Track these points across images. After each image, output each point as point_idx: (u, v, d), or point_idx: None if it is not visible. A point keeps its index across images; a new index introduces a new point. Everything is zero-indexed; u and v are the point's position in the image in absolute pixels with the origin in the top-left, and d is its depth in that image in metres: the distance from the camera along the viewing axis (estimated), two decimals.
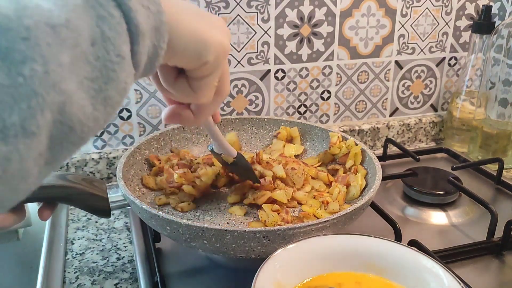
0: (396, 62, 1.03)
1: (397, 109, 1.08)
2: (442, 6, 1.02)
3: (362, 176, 0.72)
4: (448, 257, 0.67)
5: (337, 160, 0.79)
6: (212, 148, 0.67)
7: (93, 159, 0.87)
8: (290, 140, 0.84)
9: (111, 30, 0.30)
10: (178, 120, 0.49)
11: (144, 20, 0.32)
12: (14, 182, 0.26)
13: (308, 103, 1.00)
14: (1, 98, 0.24)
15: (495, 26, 0.94)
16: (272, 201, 0.69)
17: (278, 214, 0.66)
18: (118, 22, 0.31)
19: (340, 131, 0.89)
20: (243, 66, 0.92)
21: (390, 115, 1.08)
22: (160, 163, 0.75)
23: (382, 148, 0.98)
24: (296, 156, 0.83)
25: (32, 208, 0.70)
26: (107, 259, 0.70)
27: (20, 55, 0.25)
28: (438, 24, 1.03)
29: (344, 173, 0.75)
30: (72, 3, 0.28)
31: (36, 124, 0.26)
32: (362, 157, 0.76)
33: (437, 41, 1.04)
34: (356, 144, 0.77)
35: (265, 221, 0.65)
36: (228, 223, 0.67)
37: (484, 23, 0.96)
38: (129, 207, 0.81)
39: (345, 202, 0.70)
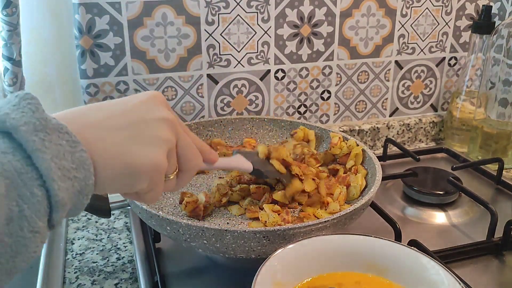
0: (396, 62, 1.03)
1: (397, 109, 1.08)
2: (442, 6, 1.02)
3: (362, 176, 0.72)
4: (448, 257, 0.67)
5: (338, 160, 0.79)
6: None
7: None
8: (306, 142, 0.84)
9: (30, 209, 0.31)
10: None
11: (66, 194, 0.33)
12: None
13: (308, 103, 1.00)
14: None
15: (495, 26, 0.94)
16: (272, 201, 0.69)
17: (279, 214, 0.66)
18: (38, 201, 0.32)
19: (340, 131, 0.90)
20: (243, 66, 0.92)
21: (390, 115, 1.08)
22: None
23: (382, 148, 0.98)
24: None
25: None
26: (107, 259, 0.70)
27: None
28: (438, 24, 1.03)
29: (344, 173, 0.75)
30: None
31: None
32: (362, 157, 0.76)
33: (437, 41, 1.04)
34: (357, 145, 0.77)
35: (265, 221, 0.65)
36: (228, 223, 0.67)
37: (484, 23, 0.96)
38: (129, 207, 0.81)
39: (345, 203, 0.70)
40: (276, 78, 0.95)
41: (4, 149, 0.31)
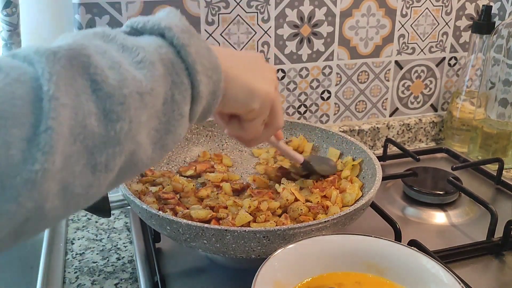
0: (396, 62, 1.03)
1: (397, 109, 1.08)
2: (442, 6, 1.02)
3: (359, 186, 0.71)
4: (448, 257, 0.67)
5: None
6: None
7: None
8: (301, 152, 0.81)
9: (179, 94, 0.39)
10: (236, 139, 0.60)
11: (205, 88, 0.41)
12: (89, 201, 0.34)
13: (308, 103, 1.00)
14: (96, 144, 0.32)
15: (495, 26, 0.94)
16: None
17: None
18: (186, 89, 0.39)
19: (340, 131, 0.90)
20: None
21: (390, 115, 1.08)
22: (152, 174, 0.74)
23: (382, 148, 0.98)
24: None
25: None
26: (107, 259, 0.70)
27: (115, 115, 0.33)
28: (438, 24, 1.03)
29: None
30: (158, 74, 0.37)
31: (114, 164, 0.34)
32: (359, 170, 0.75)
33: (437, 41, 1.04)
34: (354, 160, 0.76)
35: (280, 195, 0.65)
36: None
37: (484, 23, 0.96)
38: (129, 207, 0.81)
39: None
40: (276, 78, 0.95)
41: (160, 44, 0.39)
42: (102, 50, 0.35)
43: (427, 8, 1.00)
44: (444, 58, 1.07)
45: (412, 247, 0.56)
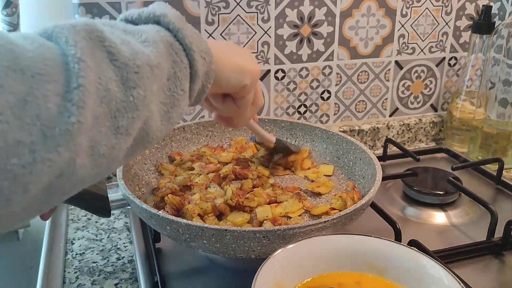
0: (396, 62, 1.03)
1: (397, 109, 1.08)
2: (442, 6, 1.02)
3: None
4: (448, 257, 0.67)
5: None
6: (255, 139, 0.80)
7: None
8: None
9: (181, 72, 0.42)
10: (224, 122, 0.62)
11: (201, 67, 0.45)
12: (109, 166, 0.37)
13: (308, 103, 1.00)
14: (119, 107, 0.35)
15: (495, 26, 0.94)
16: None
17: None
18: (185, 67, 0.43)
19: (340, 131, 0.90)
20: None
21: (390, 115, 1.08)
22: (181, 159, 0.78)
23: (382, 148, 0.98)
24: None
25: None
26: (107, 259, 0.70)
27: (133, 82, 0.36)
28: (438, 24, 1.03)
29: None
30: (161, 51, 0.40)
31: (133, 128, 0.37)
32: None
33: (437, 41, 1.04)
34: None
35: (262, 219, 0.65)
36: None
37: (484, 23, 0.96)
38: (129, 207, 0.80)
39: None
40: (276, 78, 0.95)
41: (158, 29, 0.42)
42: (110, 31, 0.38)
43: (427, 8, 1.00)
44: (444, 58, 1.07)
45: (412, 247, 0.56)
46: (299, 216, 0.68)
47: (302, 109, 1.00)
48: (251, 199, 0.66)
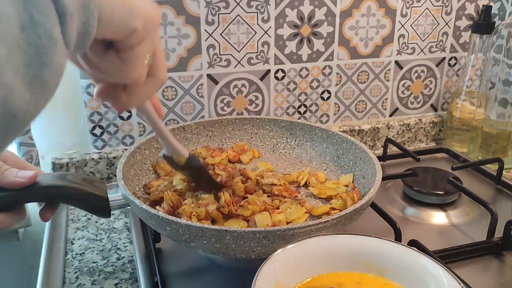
0: (396, 62, 1.03)
1: (397, 109, 1.08)
2: (442, 6, 1.02)
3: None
4: (448, 257, 0.67)
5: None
6: (164, 153, 0.62)
7: (93, 159, 0.87)
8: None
9: (40, 14, 0.30)
10: (109, 97, 0.47)
11: (69, 2, 0.32)
12: None
13: (308, 103, 1.00)
14: None
15: (495, 26, 0.94)
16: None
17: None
18: (45, 4, 0.31)
19: (340, 131, 0.89)
20: (243, 66, 0.92)
21: (390, 115, 1.08)
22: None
23: (382, 148, 0.98)
24: None
25: (32, 208, 0.70)
26: (107, 259, 0.70)
27: None
28: (438, 24, 1.03)
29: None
30: None
31: None
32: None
33: (437, 41, 1.04)
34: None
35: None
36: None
37: (484, 23, 0.96)
38: (129, 207, 0.80)
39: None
40: (276, 78, 0.95)
41: None
42: None
43: (427, 8, 1.00)
44: (444, 58, 1.07)
45: (412, 247, 0.56)
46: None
47: (302, 109, 1.00)
48: (245, 208, 0.64)
